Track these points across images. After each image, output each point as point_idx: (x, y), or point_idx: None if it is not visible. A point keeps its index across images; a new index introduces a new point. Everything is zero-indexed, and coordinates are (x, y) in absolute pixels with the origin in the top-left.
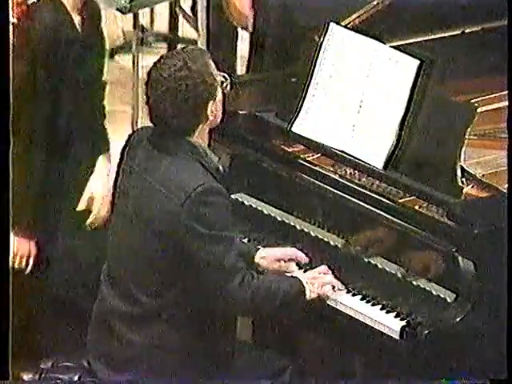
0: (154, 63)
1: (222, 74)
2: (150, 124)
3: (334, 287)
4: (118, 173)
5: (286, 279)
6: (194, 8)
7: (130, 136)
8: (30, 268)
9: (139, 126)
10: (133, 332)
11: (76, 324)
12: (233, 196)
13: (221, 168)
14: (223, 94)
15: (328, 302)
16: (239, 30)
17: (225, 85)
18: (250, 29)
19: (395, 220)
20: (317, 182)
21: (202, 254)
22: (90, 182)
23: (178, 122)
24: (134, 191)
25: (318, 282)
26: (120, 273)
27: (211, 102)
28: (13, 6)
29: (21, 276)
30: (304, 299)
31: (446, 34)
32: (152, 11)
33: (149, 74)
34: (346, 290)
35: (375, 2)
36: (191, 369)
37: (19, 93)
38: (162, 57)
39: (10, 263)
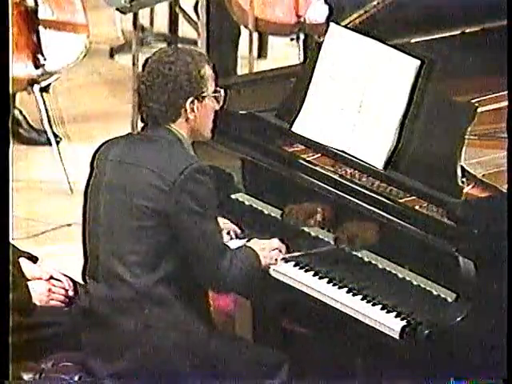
0: (153, 53)
1: (219, 89)
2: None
3: (281, 252)
4: (89, 179)
5: (248, 252)
6: (196, 7)
7: (97, 150)
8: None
9: (139, 125)
10: (125, 317)
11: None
12: (233, 196)
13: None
14: (215, 108)
15: (328, 301)
16: (241, 29)
17: (217, 94)
18: (251, 26)
19: (395, 220)
20: (317, 181)
21: (194, 232)
22: None
23: (156, 107)
24: (115, 178)
25: (267, 248)
26: (105, 261)
27: (192, 97)
28: (11, 7)
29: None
30: (260, 268)
31: (446, 34)
32: (152, 11)
33: (145, 62)
34: (346, 289)
35: (375, 2)
36: (186, 350)
37: None
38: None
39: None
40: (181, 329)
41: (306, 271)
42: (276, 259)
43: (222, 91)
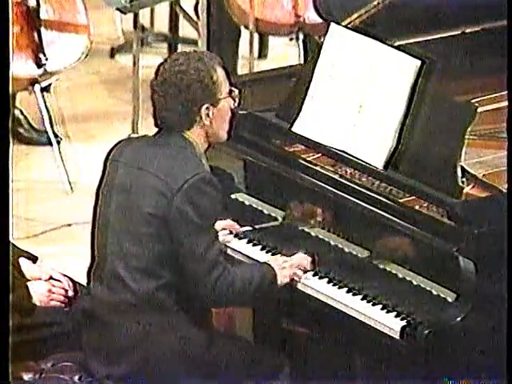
0: (165, 59)
1: (234, 88)
2: (150, 124)
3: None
4: (102, 178)
5: (259, 268)
6: (196, 7)
7: (111, 148)
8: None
9: (139, 126)
10: (125, 322)
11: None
12: (233, 196)
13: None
14: (231, 109)
15: (328, 301)
16: (241, 30)
17: (233, 94)
18: (251, 27)
19: (395, 220)
20: (317, 181)
21: (188, 242)
22: None
23: (171, 116)
24: (129, 183)
25: (289, 265)
26: (111, 263)
27: (207, 104)
28: (12, 6)
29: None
30: (276, 286)
31: (446, 34)
32: (152, 11)
33: (157, 68)
34: (346, 289)
35: (375, 2)
36: (185, 358)
37: None
38: (173, 55)
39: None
40: (180, 336)
41: (306, 271)
42: (299, 276)
43: (237, 90)
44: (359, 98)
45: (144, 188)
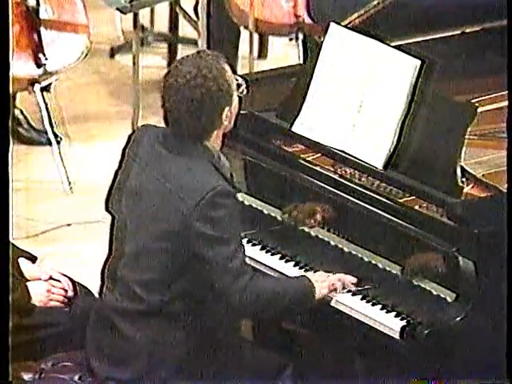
0: (170, 68)
1: (238, 78)
2: (150, 124)
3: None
4: (119, 171)
5: (296, 279)
6: (196, 7)
7: (131, 134)
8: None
9: (139, 126)
10: (133, 328)
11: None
12: None
13: (230, 173)
14: (239, 97)
15: (328, 301)
16: (241, 30)
17: (241, 89)
18: (251, 27)
19: (395, 220)
20: (317, 181)
21: (209, 255)
22: None
23: (193, 128)
24: (145, 191)
25: (329, 279)
26: (124, 270)
27: (227, 108)
28: (12, 6)
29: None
30: (313, 298)
31: (446, 34)
32: (152, 11)
33: (165, 77)
34: (346, 290)
35: (375, 2)
36: (191, 366)
37: None
38: (178, 61)
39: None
40: (187, 346)
41: (306, 271)
42: (337, 287)
43: (242, 81)
44: (359, 98)
45: (164, 204)
